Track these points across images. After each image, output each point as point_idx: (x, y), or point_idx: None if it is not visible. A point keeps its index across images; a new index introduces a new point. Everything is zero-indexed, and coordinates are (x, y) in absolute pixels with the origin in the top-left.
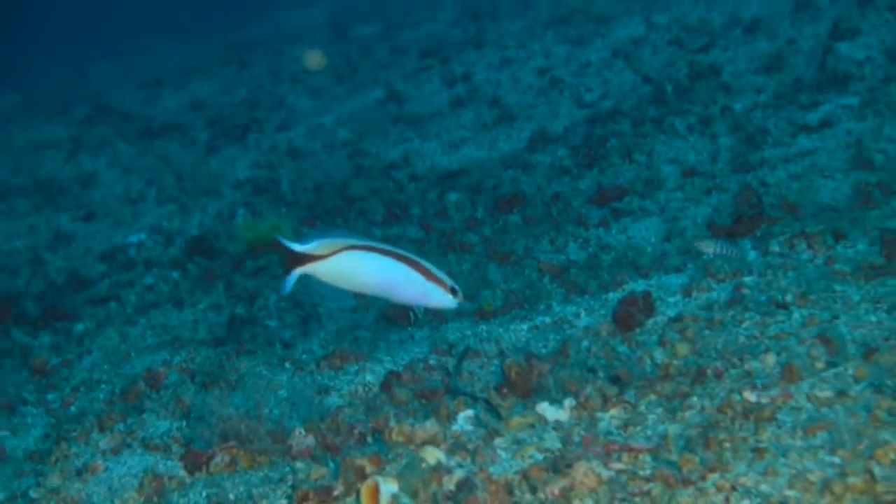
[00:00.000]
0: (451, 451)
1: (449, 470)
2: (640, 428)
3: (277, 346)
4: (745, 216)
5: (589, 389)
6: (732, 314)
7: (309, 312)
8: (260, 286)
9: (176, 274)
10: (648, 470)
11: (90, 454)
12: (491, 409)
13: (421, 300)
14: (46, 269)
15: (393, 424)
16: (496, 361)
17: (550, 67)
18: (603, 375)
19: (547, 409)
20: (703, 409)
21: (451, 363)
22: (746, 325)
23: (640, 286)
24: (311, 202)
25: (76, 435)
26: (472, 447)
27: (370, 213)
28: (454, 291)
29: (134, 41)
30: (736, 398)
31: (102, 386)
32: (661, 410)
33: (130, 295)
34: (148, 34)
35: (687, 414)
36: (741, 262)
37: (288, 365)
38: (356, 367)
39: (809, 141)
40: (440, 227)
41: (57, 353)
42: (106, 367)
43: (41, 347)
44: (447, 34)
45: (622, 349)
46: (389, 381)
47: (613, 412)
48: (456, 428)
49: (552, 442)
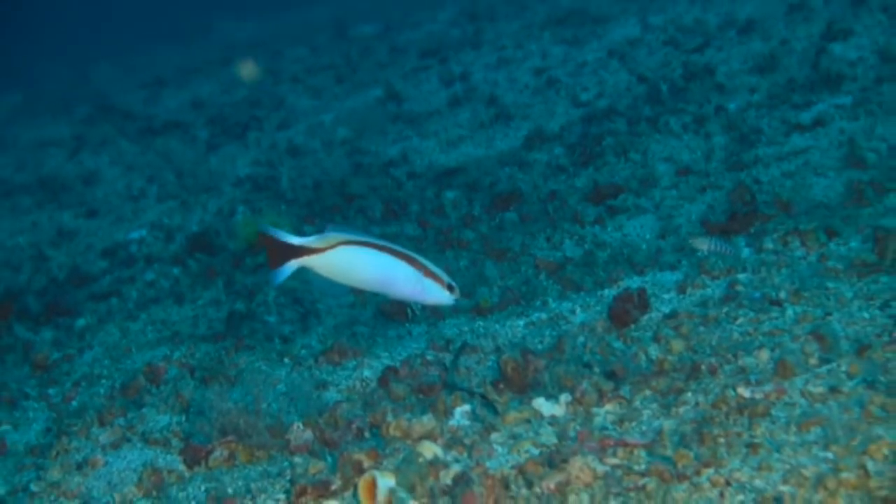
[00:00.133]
0: (447, 445)
1: (446, 464)
2: (635, 423)
3: (276, 341)
4: (739, 214)
5: (584, 385)
6: (727, 311)
7: (308, 308)
8: (259, 282)
9: (176, 270)
10: (643, 465)
11: (90, 448)
12: (487, 404)
13: (418, 297)
14: (49, 265)
15: (390, 419)
16: (493, 357)
17: (547, 67)
18: (598, 371)
19: (543, 404)
20: (697, 404)
21: (448, 359)
22: (740, 321)
23: (635, 283)
24: (310, 199)
25: (77, 429)
26: (468, 442)
27: (369, 210)
28: (451, 288)
29: (135, 42)
30: (730, 394)
31: (103, 381)
32: (655, 406)
33: (131, 291)
34: (149, 35)
35: (681, 409)
36: (735, 259)
37: (287, 360)
38: (354, 362)
39: (803, 140)
40: (438, 224)
41: (58, 348)
42: (106, 361)
43: (43, 343)
44: (446, 34)
45: (617, 345)
46: (387, 376)
47: (609, 407)
48: (453, 423)
49: (548, 437)
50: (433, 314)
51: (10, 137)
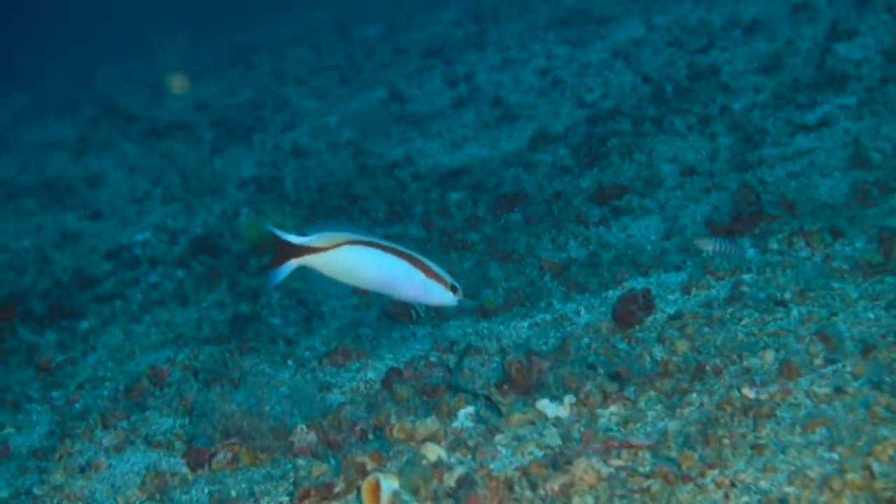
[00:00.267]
0: (451, 447)
1: (449, 467)
2: (639, 424)
3: (280, 343)
4: (743, 214)
5: (589, 386)
6: (731, 311)
7: (312, 310)
8: (263, 284)
9: (180, 272)
10: (648, 466)
11: (94, 451)
12: (491, 405)
13: (421, 297)
14: (53, 267)
15: (394, 421)
16: (497, 358)
17: (552, 68)
18: (603, 372)
19: (547, 405)
20: (702, 405)
21: (452, 360)
22: (745, 322)
23: (639, 284)
24: (314, 201)
25: (80, 432)
26: (472, 444)
27: (373, 211)
28: (454, 289)
29: (140, 43)
30: (735, 395)
31: (107, 383)
32: (660, 407)
33: (135, 293)
34: (154, 36)
35: (686, 410)
36: (740, 259)
37: (290, 362)
38: (358, 364)
39: (807, 140)
40: (442, 225)
41: (62, 350)
42: (110, 364)
43: (47, 345)
44: (449, 35)
45: (622, 346)
46: (391, 377)
47: (613, 409)
48: (457, 425)
49: (552, 438)
50: (438, 316)
51: (14, 139)
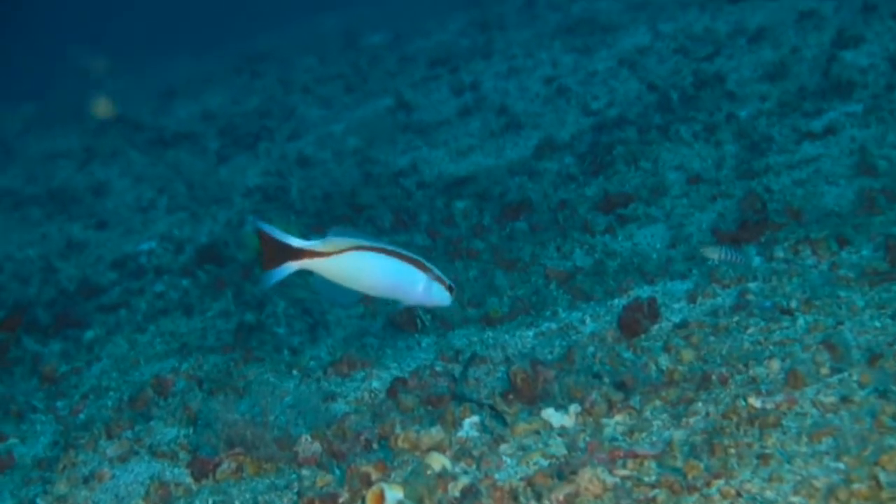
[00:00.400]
0: (456, 457)
1: (454, 476)
2: (645, 434)
3: (285, 352)
4: (749, 222)
5: (594, 395)
6: (737, 320)
7: (317, 319)
8: (269, 293)
9: (186, 282)
10: (653, 476)
11: (97, 461)
12: (496, 415)
13: (424, 300)
14: (58, 276)
15: (399, 431)
16: (502, 368)
17: (557, 76)
18: (608, 381)
19: (552, 415)
20: (707, 414)
21: (457, 369)
22: (751, 330)
23: (645, 292)
24: (319, 210)
25: (84, 442)
26: (477, 453)
27: (378, 220)
28: (451, 289)
29: (147, 53)
30: (741, 404)
31: (111, 393)
32: (666, 416)
33: (140, 302)
34: (161, 46)
35: (692, 420)
36: (746, 268)
37: (295, 372)
38: (363, 373)
39: (813, 148)
40: (448, 234)
41: (67, 360)
42: (115, 374)
43: (51, 355)
44: (455, 44)
45: (627, 355)
46: (396, 387)
47: (618, 418)
48: (461, 434)
49: (557, 448)
50: (442, 325)
51: (21, 148)
